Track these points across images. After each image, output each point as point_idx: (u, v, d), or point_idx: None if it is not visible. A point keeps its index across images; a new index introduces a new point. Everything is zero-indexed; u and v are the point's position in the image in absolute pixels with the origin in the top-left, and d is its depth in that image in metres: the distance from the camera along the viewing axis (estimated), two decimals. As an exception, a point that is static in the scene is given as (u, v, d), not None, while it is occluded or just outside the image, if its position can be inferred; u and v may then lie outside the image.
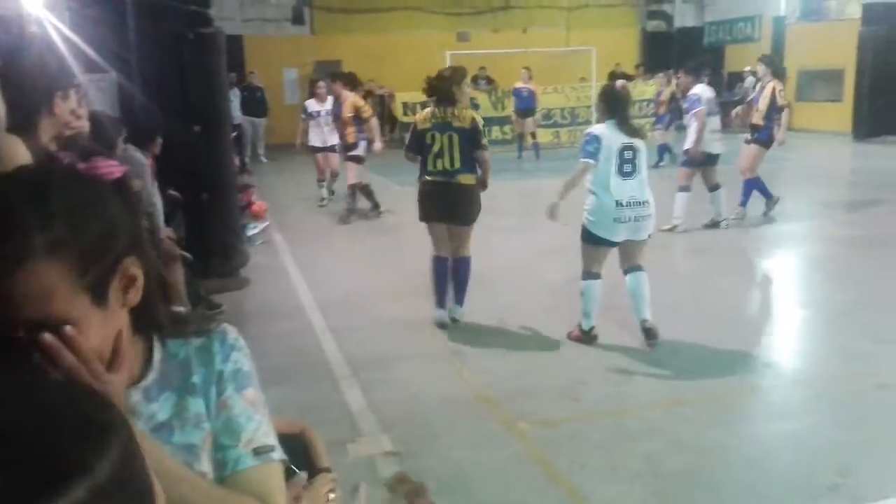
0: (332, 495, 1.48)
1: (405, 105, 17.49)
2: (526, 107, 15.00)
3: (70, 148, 2.31)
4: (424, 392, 4.39)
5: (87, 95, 2.89)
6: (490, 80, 18.36)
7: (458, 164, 5.26)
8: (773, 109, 8.57)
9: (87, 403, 0.64)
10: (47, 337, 0.84)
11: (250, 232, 8.37)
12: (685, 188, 8.39)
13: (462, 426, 3.96)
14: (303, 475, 1.46)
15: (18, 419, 0.58)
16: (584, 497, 3.28)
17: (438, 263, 5.49)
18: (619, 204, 4.75)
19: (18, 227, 0.85)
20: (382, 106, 18.02)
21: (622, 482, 3.37)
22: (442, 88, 5.34)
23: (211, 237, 6.35)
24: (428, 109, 5.44)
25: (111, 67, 6.10)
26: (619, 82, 5.98)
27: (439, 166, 5.29)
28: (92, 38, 5.29)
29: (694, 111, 8.13)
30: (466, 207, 5.36)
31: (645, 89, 18.05)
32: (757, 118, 8.60)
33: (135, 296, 0.97)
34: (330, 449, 1.62)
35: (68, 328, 0.86)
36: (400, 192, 10.73)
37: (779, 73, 8.93)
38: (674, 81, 14.08)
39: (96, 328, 0.90)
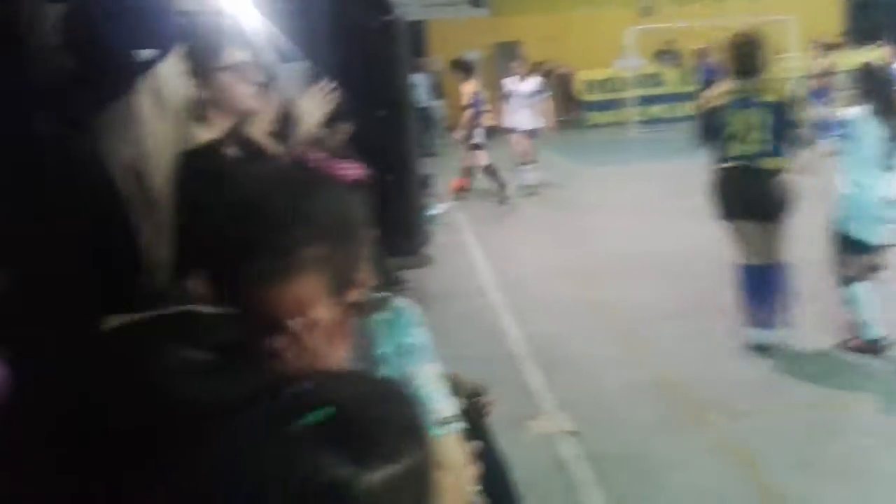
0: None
1: (587, 83, 17.22)
2: (712, 80, 14.24)
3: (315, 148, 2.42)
4: (605, 374, 4.29)
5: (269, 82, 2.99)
6: (677, 55, 17.61)
7: (765, 146, 4.33)
8: None
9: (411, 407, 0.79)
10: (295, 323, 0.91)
11: (433, 212, 8.56)
12: None
13: (645, 412, 3.82)
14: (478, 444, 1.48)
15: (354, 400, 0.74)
16: (779, 494, 3.08)
17: (749, 273, 4.47)
18: (880, 201, 4.14)
19: (288, 241, 0.89)
20: (563, 85, 17.81)
21: (821, 479, 3.12)
22: (744, 55, 4.42)
23: (395, 216, 6.56)
24: (724, 84, 4.52)
25: (302, 56, 6.41)
26: (875, 62, 5.21)
27: (739, 151, 4.38)
28: (284, 28, 5.58)
29: None
30: (775, 199, 4.37)
31: (852, 61, 16.60)
32: None
33: (359, 293, 1.01)
34: (510, 425, 1.61)
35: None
36: (575, 170, 10.57)
37: None
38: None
39: (326, 318, 0.94)
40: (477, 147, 9.67)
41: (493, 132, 9.98)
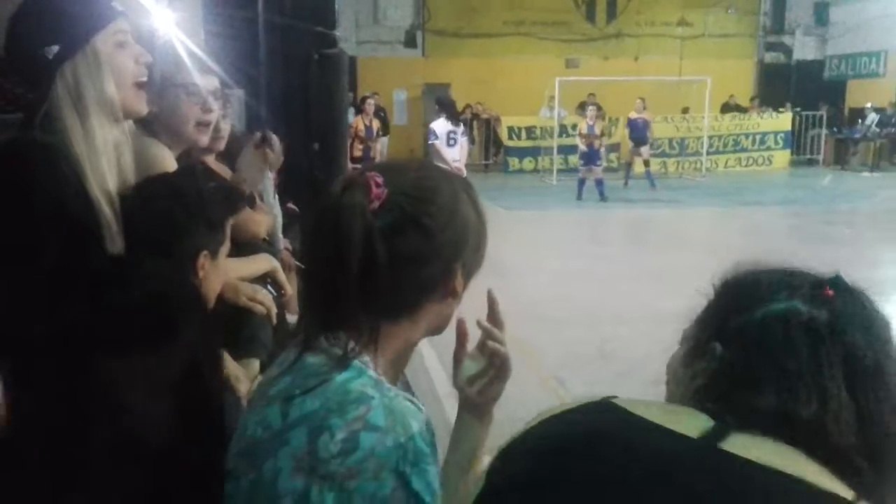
0: None
1: (510, 129, 17.61)
2: (640, 136, 14.89)
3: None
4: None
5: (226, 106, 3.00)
6: (598, 108, 18.26)
7: None
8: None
9: None
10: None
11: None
12: None
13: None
14: None
15: None
16: None
17: None
18: None
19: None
20: (488, 129, 18.19)
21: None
22: None
23: (323, 251, 6.55)
24: None
25: (239, 84, 6.37)
26: None
27: None
28: (223, 55, 5.56)
29: None
30: None
31: (759, 122, 17.56)
32: None
33: None
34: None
35: None
36: (506, 215, 10.79)
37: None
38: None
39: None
40: None
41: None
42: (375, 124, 12.90)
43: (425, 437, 0.93)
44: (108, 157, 1.54)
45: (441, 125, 9.37)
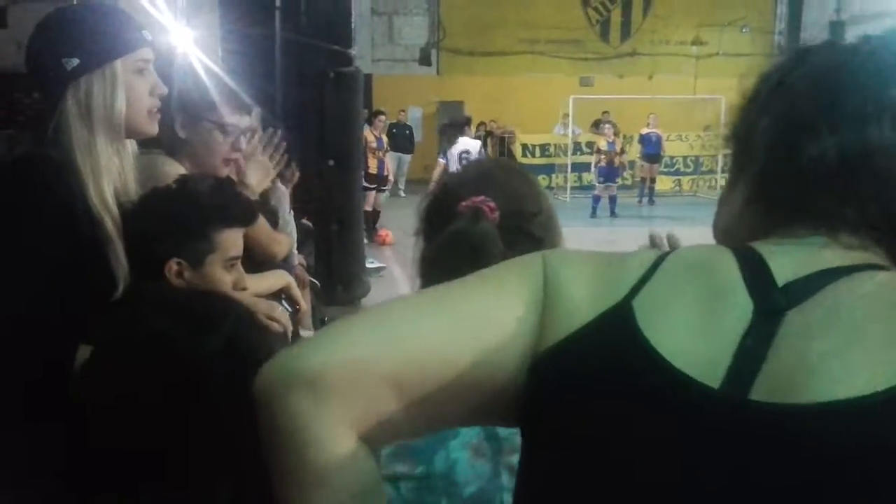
0: None
1: (524, 146, 17.64)
2: (653, 152, 14.93)
3: None
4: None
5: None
6: (614, 126, 18.30)
7: None
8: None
9: None
10: None
11: (369, 265, 8.59)
12: None
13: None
14: None
15: None
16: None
17: None
18: None
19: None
20: (503, 146, 18.23)
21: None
22: None
23: (337, 267, 6.57)
24: None
25: (255, 102, 6.41)
26: None
27: None
28: (240, 74, 5.62)
29: None
30: None
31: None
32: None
33: None
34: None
35: None
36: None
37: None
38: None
39: None
40: None
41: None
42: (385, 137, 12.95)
43: None
44: (110, 174, 1.56)
45: (464, 144, 9.14)
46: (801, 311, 0.60)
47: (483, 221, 1.01)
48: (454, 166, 9.16)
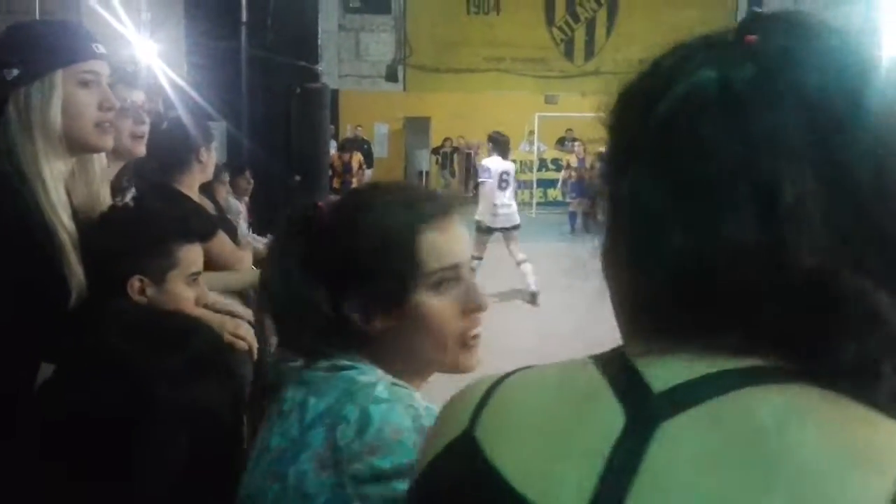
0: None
1: (491, 163, 17.75)
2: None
3: None
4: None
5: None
6: (578, 142, 18.50)
7: None
8: None
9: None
10: None
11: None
12: None
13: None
14: None
15: None
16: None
17: None
18: None
19: None
20: (468, 162, 18.32)
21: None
22: None
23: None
24: None
25: (221, 116, 6.40)
26: None
27: None
28: (206, 88, 5.59)
29: None
30: None
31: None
32: None
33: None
34: None
35: None
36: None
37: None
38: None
39: None
40: None
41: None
42: (356, 159, 12.97)
43: (429, 406, 0.95)
44: (57, 186, 1.56)
45: (495, 163, 8.38)
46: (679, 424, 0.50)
47: None
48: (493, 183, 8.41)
